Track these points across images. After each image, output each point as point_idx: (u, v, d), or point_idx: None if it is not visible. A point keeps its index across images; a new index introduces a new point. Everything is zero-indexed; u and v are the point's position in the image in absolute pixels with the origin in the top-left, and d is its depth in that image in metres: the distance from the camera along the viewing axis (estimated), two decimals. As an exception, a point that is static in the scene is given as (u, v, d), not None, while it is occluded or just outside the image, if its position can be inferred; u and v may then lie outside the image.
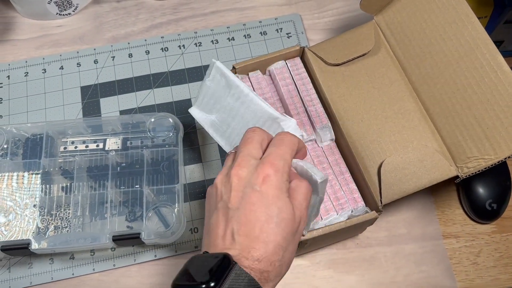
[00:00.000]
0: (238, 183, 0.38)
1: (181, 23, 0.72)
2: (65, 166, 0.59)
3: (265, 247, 0.36)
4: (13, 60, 0.69)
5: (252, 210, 0.37)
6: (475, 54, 0.49)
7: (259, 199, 0.37)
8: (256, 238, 0.36)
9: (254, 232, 0.36)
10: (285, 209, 0.37)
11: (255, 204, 0.37)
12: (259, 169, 0.38)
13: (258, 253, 0.36)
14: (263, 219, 0.37)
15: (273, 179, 0.38)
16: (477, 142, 0.49)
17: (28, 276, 0.57)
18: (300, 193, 0.39)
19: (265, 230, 0.36)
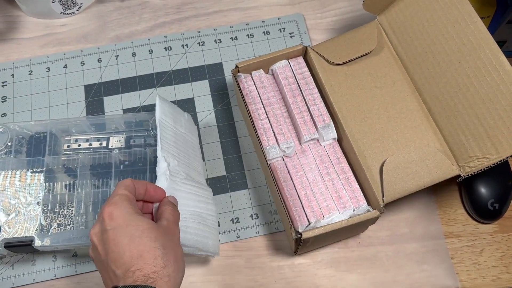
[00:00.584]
0: (96, 239, 0.43)
1: (184, 23, 0.72)
2: (68, 164, 0.59)
3: (139, 257, 0.40)
4: (18, 59, 0.70)
5: (115, 245, 0.41)
6: (477, 53, 0.49)
7: (115, 233, 0.41)
8: (129, 259, 0.40)
9: (125, 257, 0.40)
10: (141, 222, 0.42)
11: (114, 239, 0.41)
12: (102, 214, 0.43)
13: (135, 266, 0.40)
14: (126, 242, 0.41)
15: (115, 211, 0.42)
16: (479, 141, 0.49)
17: (31, 273, 0.58)
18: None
19: (134, 247, 0.40)
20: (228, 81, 0.68)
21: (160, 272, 0.40)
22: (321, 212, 0.52)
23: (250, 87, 0.57)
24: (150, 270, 0.40)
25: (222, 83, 0.68)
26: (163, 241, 0.42)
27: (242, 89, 0.57)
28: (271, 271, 0.58)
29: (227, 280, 0.57)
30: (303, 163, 0.55)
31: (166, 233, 0.43)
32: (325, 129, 0.55)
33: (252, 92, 0.57)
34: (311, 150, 0.55)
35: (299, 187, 0.53)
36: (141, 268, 0.39)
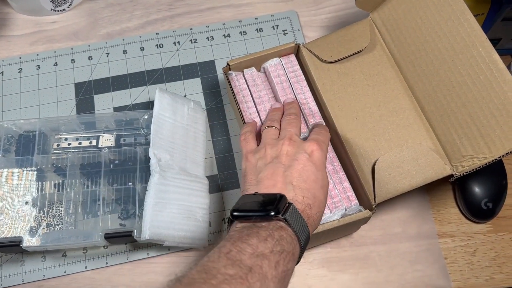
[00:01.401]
0: (289, 149, 0.46)
1: (176, 20, 0.71)
2: (58, 163, 0.59)
3: (313, 198, 0.43)
4: (7, 56, 0.69)
5: (304, 170, 0.44)
6: (470, 51, 0.49)
7: (309, 163, 0.45)
8: (307, 190, 0.43)
9: (306, 185, 0.43)
10: (327, 178, 0.46)
11: (306, 165, 0.45)
12: (309, 143, 0.47)
13: (310, 201, 0.43)
14: (313, 178, 0.44)
15: (319, 153, 0.46)
16: (472, 141, 0.49)
17: (20, 273, 0.57)
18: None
19: (314, 187, 0.44)
20: (221, 79, 0.67)
21: (314, 223, 0.43)
22: (312, 212, 0.51)
23: (242, 85, 0.56)
24: (313, 214, 0.43)
25: (214, 81, 0.67)
26: (325, 205, 0.46)
27: (234, 88, 0.56)
28: (262, 271, 0.57)
29: (218, 281, 0.57)
30: (295, 162, 0.54)
31: (325, 187, 0.46)
32: (317, 127, 0.55)
33: (243, 91, 0.56)
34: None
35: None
36: (311, 205, 0.43)
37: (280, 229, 0.39)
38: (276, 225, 0.39)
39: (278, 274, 0.36)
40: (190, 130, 0.60)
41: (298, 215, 0.40)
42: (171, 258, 0.58)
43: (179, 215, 0.54)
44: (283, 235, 0.39)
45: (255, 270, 0.35)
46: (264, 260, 0.36)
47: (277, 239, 0.38)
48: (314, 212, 0.43)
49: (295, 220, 0.40)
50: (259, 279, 0.35)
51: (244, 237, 0.38)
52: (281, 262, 0.37)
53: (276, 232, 0.39)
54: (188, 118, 0.60)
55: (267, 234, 0.38)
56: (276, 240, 0.38)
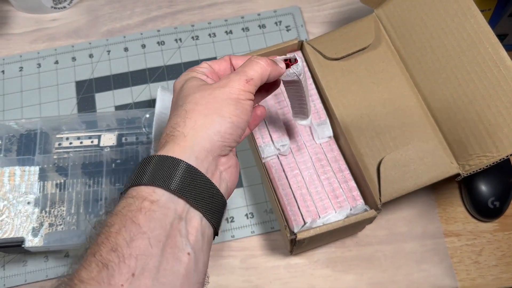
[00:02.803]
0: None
1: (177, 16, 0.70)
2: (59, 162, 0.58)
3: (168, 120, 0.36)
4: (8, 55, 0.68)
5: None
6: (477, 48, 0.48)
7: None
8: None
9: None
10: (192, 82, 0.38)
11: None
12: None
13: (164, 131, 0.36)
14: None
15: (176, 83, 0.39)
16: (479, 139, 0.48)
17: (22, 273, 0.57)
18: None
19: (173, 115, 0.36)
20: (223, 77, 0.67)
21: (174, 132, 0.34)
22: (317, 212, 0.51)
23: (244, 84, 0.56)
24: (166, 132, 0.35)
25: (216, 78, 0.67)
26: (193, 97, 0.35)
27: (236, 86, 0.56)
28: (266, 271, 0.57)
29: (221, 281, 0.56)
30: (299, 161, 0.53)
31: (207, 88, 0.36)
32: (321, 126, 0.54)
33: (246, 89, 0.55)
34: (306, 148, 0.54)
35: (294, 186, 0.52)
36: (164, 133, 0.35)
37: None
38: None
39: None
40: None
41: (145, 164, 0.33)
42: (174, 258, 0.57)
43: None
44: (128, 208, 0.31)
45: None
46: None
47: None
48: (167, 132, 0.34)
49: (137, 174, 0.32)
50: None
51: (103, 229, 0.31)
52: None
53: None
54: None
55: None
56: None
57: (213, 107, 0.34)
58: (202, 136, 0.34)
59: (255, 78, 0.37)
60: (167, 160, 0.32)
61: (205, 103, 0.34)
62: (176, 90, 0.38)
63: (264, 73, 0.37)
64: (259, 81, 0.37)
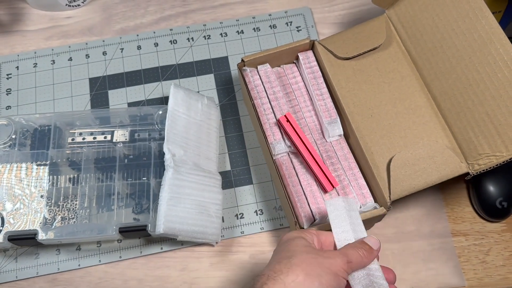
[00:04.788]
0: None
1: (190, 16, 0.71)
2: (72, 157, 0.59)
3: (270, 265, 0.40)
4: (22, 51, 0.69)
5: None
6: (488, 49, 0.48)
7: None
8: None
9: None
10: (300, 242, 0.41)
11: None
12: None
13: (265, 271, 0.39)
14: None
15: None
16: (488, 139, 0.48)
17: (34, 266, 0.58)
18: None
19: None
20: (234, 75, 0.67)
21: (274, 276, 0.38)
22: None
23: (256, 81, 0.56)
24: (267, 274, 0.38)
25: (227, 77, 0.67)
26: (299, 253, 0.39)
27: (248, 83, 0.57)
28: (275, 267, 0.57)
29: (230, 276, 0.57)
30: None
31: (314, 252, 0.40)
32: (331, 125, 0.55)
33: (258, 87, 0.56)
34: (317, 146, 0.55)
35: (304, 183, 0.53)
36: (263, 274, 0.39)
37: None
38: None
39: None
40: (203, 126, 0.60)
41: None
42: (184, 252, 0.58)
43: (192, 210, 0.54)
44: None
45: None
46: None
47: None
48: (267, 274, 0.38)
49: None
50: None
51: None
52: None
53: None
54: (202, 114, 0.61)
55: None
56: None
57: (316, 272, 0.38)
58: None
59: (355, 263, 0.40)
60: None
61: (309, 264, 0.38)
62: (283, 241, 0.42)
63: (364, 261, 0.41)
64: (358, 266, 0.41)
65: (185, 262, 0.58)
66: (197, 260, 0.58)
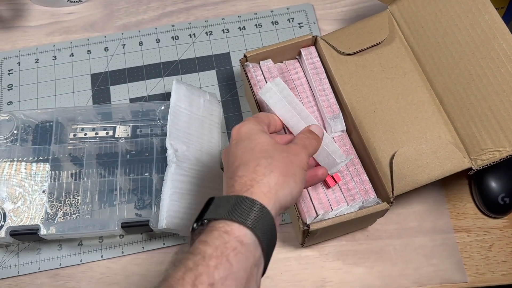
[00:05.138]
0: (223, 155, 0.44)
1: (192, 12, 0.71)
2: (74, 153, 0.59)
3: (244, 165, 0.39)
4: (24, 47, 0.69)
5: (232, 156, 0.41)
6: (491, 44, 0.48)
7: (235, 146, 0.41)
8: (236, 167, 0.39)
9: (234, 166, 0.40)
10: (259, 136, 0.41)
11: (233, 151, 0.41)
12: (231, 132, 0.44)
13: (239, 173, 0.39)
14: (240, 153, 0.40)
15: (241, 128, 0.42)
16: (491, 134, 0.48)
17: (36, 261, 0.58)
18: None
19: (243, 157, 0.40)
20: (236, 72, 0.67)
21: (258, 179, 0.37)
22: (329, 204, 0.51)
23: (259, 77, 0.56)
24: (249, 177, 0.38)
25: (229, 73, 0.67)
26: (273, 153, 0.39)
27: (250, 79, 0.56)
28: (277, 263, 0.57)
29: (233, 272, 0.57)
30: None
31: (284, 150, 0.41)
32: (334, 120, 0.54)
33: (260, 82, 0.56)
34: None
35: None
36: (242, 174, 0.38)
37: (209, 230, 0.35)
38: (206, 231, 0.36)
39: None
40: (205, 121, 0.60)
41: (220, 202, 0.37)
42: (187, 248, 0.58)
43: (195, 205, 0.54)
44: (209, 234, 0.35)
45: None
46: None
47: (196, 246, 0.34)
48: (251, 173, 0.38)
49: (216, 209, 0.37)
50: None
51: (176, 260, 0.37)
52: (202, 277, 0.32)
53: (202, 236, 0.35)
54: (204, 109, 0.60)
55: (190, 250, 0.35)
56: (195, 249, 0.34)
57: (290, 171, 0.39)
58: (281, 193, 0.38)
59: (312, 152, 0.44)
60: (260, 207, 0.36)
61: (285, 164, 0.39)
62: (244, 134, 0.42)
63: (317, 147, 0.45)
64: (314, 153, 0.44)
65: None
66: (199, 256, 0.58)
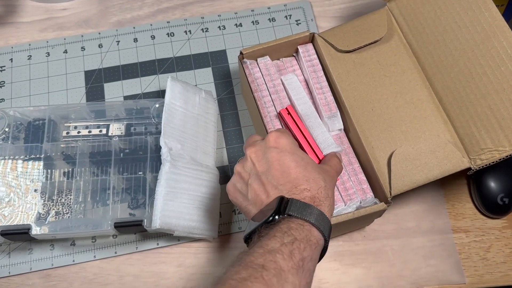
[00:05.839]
0: (255, 155, 0.44)
1: (187, 8, 0.70)
2: (67, 151, 0.58)
3: (306, 181, 0.41)
4: (17, 43, 0.68)
5: (280, 163, 0.42)
6: (491, 42, 0.48)
7: (280, 153, 0.43)
8: (296, 179, 0.41)
9: (291, 176, 0.42)
10: (306, 156, 0.44)
11: (279, 158, 0.42)
12: (268, 137, 0.44)
13: (303, 186, 0.41)
14: (293, 165, 0.42)
15: (282, 138, 0.44)
16: (491, 133, 0.47)
17: (28, 261, 0.57)
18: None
19: (300, 172, 0.42)
20: (232, 69, 0.66)
21: (322, 200, 0.41)
22: (326, 204, 0.50)
23: (256, 74, 0.55)
24: (316, 194, 0.41)
25: (225, 71, 0.66)
26: (325, 177, 0.43)
27: (248, 76, 0.55)
28: (273, 263, 0.56)
29: (228, 272, 0.56)
30: (308, 153, 0.53)
31: (328, 174, 0.44)
32: (331, 119, 0.54)
33: (258, 79, 0.55)
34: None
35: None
36: (309, 189, 0.41)
37: (288, 222, 0.39)
38: (282, 222, 0.39)
39: (295, 264, 0.36)
40: (201, 120, 0.59)
41: (299, 204, 0.40)
42: (180, 248, 0.57)
43: (189, 205, 0.53)
44: (291, 225, 0.38)
45: (269, 266, 0.35)
46: (276, 254, 0.36)
47: (285, 231, 0.38)
48: (315, 191, 0.41)
49: (297, 209, 0.39)
50: (275, 274, 0.35)
51: (254, 245, 0.38)
52: (295, 251, 0.37)
53: (283, 226, 0.38)
54: (200, 107, 0.59)
55: (274, 232, 0.38)
56: (284, 232, 0.38)
57: (331, 184, 0.43)
58: (329, 214, 0.41)
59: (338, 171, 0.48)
60: (330, 227, 0.41)
61: (331, 189, 0.43)
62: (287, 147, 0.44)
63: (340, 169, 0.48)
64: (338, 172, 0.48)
65: (182, 258, 0.57)
66: (194, 256, 0.57)
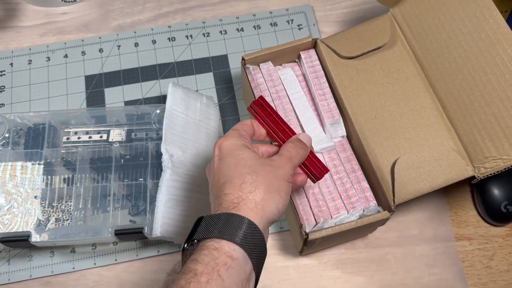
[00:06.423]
0: (208, 171, 0.44)
1: (189, 13, 0.70)
2: (67, 157, 0.58)
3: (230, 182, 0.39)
4: (17, 48, 0.68)
5: (217, 173, 0.41)
6: (496, 49, 0.47)
7: (219, 160, 0.41)
8: (223, 183, 0.40)
9: (220, 181, 0.40)
10: (242, 152, 0.41)
11: (218, 165, 0.41)
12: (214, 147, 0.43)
13: (224, 191, 0.39)
14: (225, 168, 0.41)
15: (224, 143, 0.42)
16: (495, 142, 0.47)
17: (28, 268, 0.56)
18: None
19: (227, 174, 0.40)
20: (234, 74, 0.66)
21: (244, 196, 0.38)
22: (329, 212, 0.50)
23: (259, 80, 0.55)
24: (236, 194, 0.38)
25: (227, 76, 0.66)
26: (258, 169, 0.40)
27: (251, 81, 0.55)
28: (275, 271, 0.56)
29: (229, 280, 0.55)
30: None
31: (267, 164, 0.41)
32: (334, 126, 0.53)
33: (261, 85, 0.55)
34: (319, 147, 0.53)
35: (306, 186, 0.51)
36: (229, 192, 0.39)
37: (200, 248, 0.36)
38: (198, 248, 0.36)
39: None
40: (202, 126, 0.59)
41: (208, 221, 0.38)
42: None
43: (191, 212, 0.53)
44: (202, 252, 0.35)
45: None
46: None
47: (188, 264, 0.35)
48: (237, 191, 0.39)
49: (206, 228, 0.37)
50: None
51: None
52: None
53: (195, 254, 0.36)
54: (201, 113, 0.59)
55: (184, 267, 0.35)
56: (188, 267, 0.35)
57: (275, 186, 0.39)
58: (268, 209, 0.38)
59: (297, 163, 0.43)
60: (248, 224, 0.37)
61: (270, 180, 0.39)
62: (227, 150, 0.42)
63: (304, 158, 0.44)
64: (299, 164, 0.44)
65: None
66: (195, 264, 0.56)
